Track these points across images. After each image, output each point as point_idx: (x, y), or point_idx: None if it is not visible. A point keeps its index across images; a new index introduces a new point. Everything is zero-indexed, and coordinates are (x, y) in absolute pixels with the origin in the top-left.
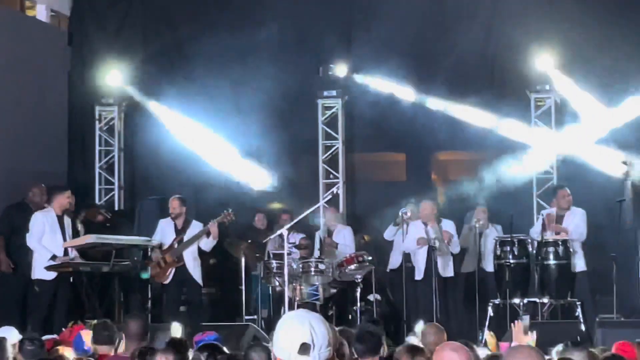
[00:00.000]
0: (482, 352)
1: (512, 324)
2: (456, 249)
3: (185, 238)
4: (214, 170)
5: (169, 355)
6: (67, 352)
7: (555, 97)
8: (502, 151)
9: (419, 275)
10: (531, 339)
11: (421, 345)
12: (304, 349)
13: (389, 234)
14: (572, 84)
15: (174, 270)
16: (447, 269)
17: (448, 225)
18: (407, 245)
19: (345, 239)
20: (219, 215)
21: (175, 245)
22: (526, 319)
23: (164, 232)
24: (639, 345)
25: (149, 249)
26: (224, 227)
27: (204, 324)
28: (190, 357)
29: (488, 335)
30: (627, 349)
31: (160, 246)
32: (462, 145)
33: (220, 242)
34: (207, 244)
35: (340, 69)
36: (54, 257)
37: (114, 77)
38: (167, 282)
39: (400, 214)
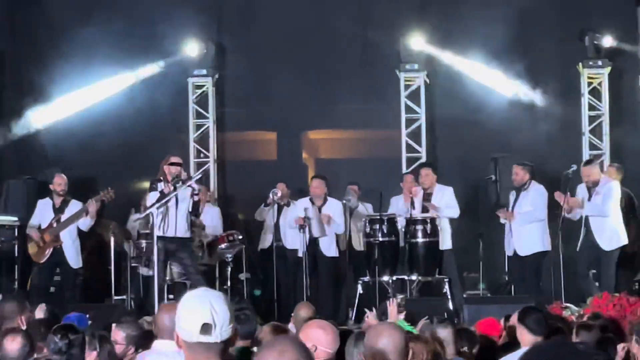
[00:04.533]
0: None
1: (387, 302)
2: (339, 229)
3: (64, 217)
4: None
5: (17, 336)
6: None
7: (424, 76)
8: (372, 130)
9: (300, 252)
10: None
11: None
12: (206, 329)
13: (259, 214)
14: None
15: (51, 250)
16: (330, 249)
17: (333, 205)
18: (290, 223)
19: (212, 219)
20: (97, 194)
21: (54, 225)
22: (400, 298)
23: (43, 212)
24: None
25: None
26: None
27: (72, 305)
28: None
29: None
30: (491, 323)
31: (39, 227)
32: (333, 124)
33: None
34: (86, 223)
35: (210, 47)
36: None
37: None
38: (42, 261)
39: (270, 194)
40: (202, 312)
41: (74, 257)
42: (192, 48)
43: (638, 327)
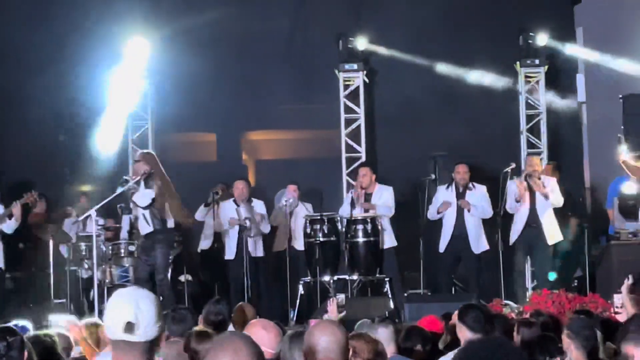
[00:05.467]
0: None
1: (328, 301)
2: (267, 229)
3: None
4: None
5: None
6: None
7: (363, 76)
8: (311, 130)
9: (230, 254)
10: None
11: None
12: (129, 327)
13: (199, 214)
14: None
15: None
16: (257, 249)
17: (258, 205)
18: (222, 225)
19: None
20: (21, 197)
21: None
22: (341, 298)
23: None
24: (444, 317)
25: None
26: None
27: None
28: None
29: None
30: (433, 321)
31: None
32: (272, 125)
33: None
34: (10, 226)
35: (148, 48)
36: None
37: None
38: None
39: (210, 194)
40: (127, 310)
41: None
42: (131, 49)
43: (570, 322)
